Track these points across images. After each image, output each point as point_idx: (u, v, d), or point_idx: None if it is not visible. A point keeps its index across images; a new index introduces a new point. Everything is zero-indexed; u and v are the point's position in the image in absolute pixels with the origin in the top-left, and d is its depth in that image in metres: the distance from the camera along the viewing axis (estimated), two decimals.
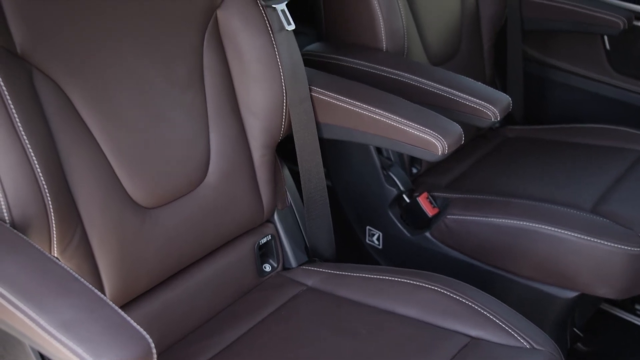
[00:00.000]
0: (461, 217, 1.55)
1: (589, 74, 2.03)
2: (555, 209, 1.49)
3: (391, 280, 1.27)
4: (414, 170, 1.69)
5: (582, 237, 1.42)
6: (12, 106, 0.96)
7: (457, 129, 1.26)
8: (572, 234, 1.43)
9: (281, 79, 1.27)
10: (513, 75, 1.97)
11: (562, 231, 1.43)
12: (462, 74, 1.53)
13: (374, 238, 1.70)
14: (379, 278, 1.28)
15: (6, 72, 0.96)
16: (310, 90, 1.33)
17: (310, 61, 1.56)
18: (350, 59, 1.53)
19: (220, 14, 1.23)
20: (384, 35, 1.55)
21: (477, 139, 1.85)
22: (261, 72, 1.26)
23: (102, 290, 1.10)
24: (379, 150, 1.61)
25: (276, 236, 1.37)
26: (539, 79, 2.09)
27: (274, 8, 1.26)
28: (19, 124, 0.96)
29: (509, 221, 1.49)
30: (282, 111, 1.29)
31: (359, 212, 1.72)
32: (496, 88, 1.96)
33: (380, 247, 1.70)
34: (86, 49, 1.07)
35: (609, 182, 1.61)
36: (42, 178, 0.98)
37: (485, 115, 1.38)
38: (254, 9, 1.25)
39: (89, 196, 1.06)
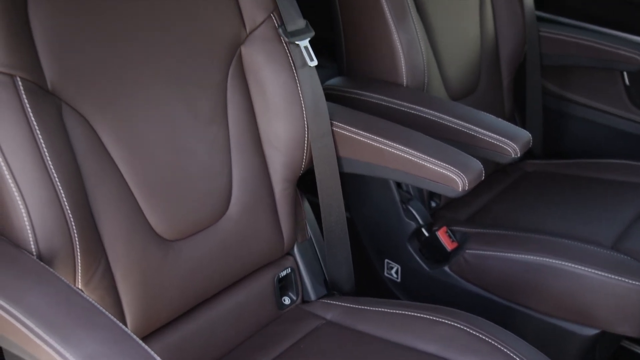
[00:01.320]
0: (480, 252, 1.55)
1: (608, 109, 2.03)
2: (575, 245, 1.49)
3: (410, 315, 1.26)
4: (433, 204, 1.70)
5: (603, 274, 1.41)
6: (42, 141, 0.98)
7: (478, 165, 1.27)
8: (593, 270, 1.42)
9: (303, 114, 1.29)
10: (532, 110, 1.98)
11: (582, 268, 1.43)
12: (481, 108, 1.55)
13: (393, 271, 1.70)
14: (399, 313, 1.28)
15: (37, 107, 0.99)
16: (332, 124, 1.34)
17: (331, 95, 1.58)
18: (371, 94, 1.55)
19: (244, 50, 1.26)
20: (405, 70, 1.57)
21: (496, 173, 1.85)
22: (284, 107, 1.28)
23: (124, 321, 1.11)
24: (398, 183, 1.62)
25: (296, 269, 1.38)
26: (558, 113, 2.09)
27: (297, 44, 1.28)
28: (48, 159, 0.99)
29: (528, 257, 1.48)
30: (304, 145, 1.31)
31: (377, 245, 1.72)
32: (515, 122, 1.98)
33: (399, 280, 1.70)
34: (114, 84, 1.09)
35: (629, 219, 1.60)
36: (69, 212, 1.00)
37: (505, 152, 1.39)
38: (278, 45, 1.27)
39: (113, 229, 1.08)
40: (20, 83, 0.97)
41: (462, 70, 1.76)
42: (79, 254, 1.02)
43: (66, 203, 1.00)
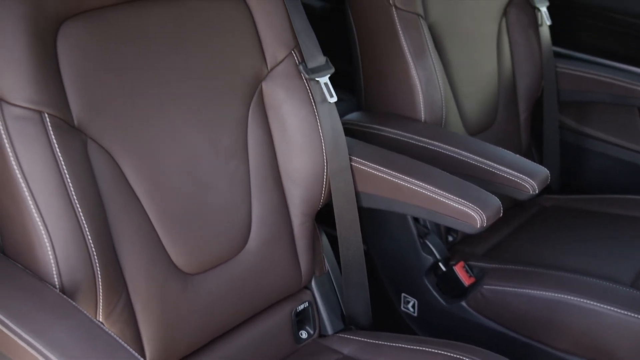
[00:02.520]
0: (498, 287, 1.54)
1: (626, 144, 2.03)
2: (594, 282, 1.48)
3: (428, 351, 1.26)
4: (450, 238, 1.70)
5: (622, 312, 1.40)
6: (67, 175, 1.00)
7: (496, 202, 1.27)
8: (612, 308, 1.41)
9: (322, 149, 1.30)
10: (549, 144, 1.99)
11: (601, 305, 1.42)
12: (498, 143, 1.55)
13: (409, 305, 1.70)
14: (416, 349, 1.27)
15: (63, 142, 1.01)
16: (351, 160, 1.36)
17: (350, 130, 1.59)
18: (390, 129, 1.56)
19: (265, 85, 1.28)
20: (423, 106, 1.58)
21: (514, 208, 1.85)
22: (303, 142, 1.29)
23: (143, 354, 1.11)
24: (415, 217, 1.62)
25: (313, 303, 1.38)
26: (575, 148, 2.09)
27: (317, 81, 1.30)
28: (73, 193, 1.00)
29: (546, 293, 1.48)
30: (323, 180, 1.32)
31: (394, 278, 1.72)
32: (532, 157, 1.99)
33: (415, 314, 1.69)
34: (138, 120, 1.11)
35: None
36: (92, 246, 1.01)
37: (523, 188, 1.39)
38: (298, 81, 1.29)
39: (134, 262, 1.09)
40: (47, 119, 1.00)
41: (479, 106, 1.77)
42: (100, 287, 1.03)
43: (89, 237, 1.01)
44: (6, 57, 0.97)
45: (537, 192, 1.39)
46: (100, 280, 1.03)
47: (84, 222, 1.01)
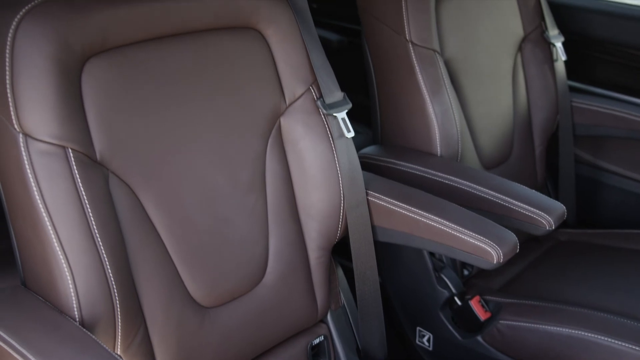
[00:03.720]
0: (514, 322, 1.53)
1: None
2: (611, 318, 1.47)
3: None
4: (466, 272, 1.70)
5: (639, 349, 1.39)
6: (89, 210, 1.02)
7: (513, 238, 1.28)
8: (629, 345, 1.40)
9: (339, 183, 1.31)
10: (565, 178, 1.99)
11: (618, 342, 1.41)
12: (514, 177, 1.55)
13: (424, 339, 1.69)
14: None
15: (86, 177, 1.03)
16: (367, 194, 1.37)
17: (366, 164, 1.61)
18: (406, 164, 1.57)
19: (284, 121, 1.29)
20: (439, 141, 1.59)
21: (529, 242, 1.85)
22: (321, 177, 1.30)
23: None
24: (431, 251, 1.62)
25: (329, 337, 1.39)
26: (591, 182, 2.09)
27: (335, 116, 1.31)
28: (95, 227, 1.02)
29: (563, 329, 1.47)
30: (340, 215, 1.33)
31: (409, 312, 1.72)
32: (548, 190, 1.99)
33: (431, 349, 1.69)
34: (159, 154, 1.13)
35: None
36: (112, 279, 1.03)
37: (540, 224, 1.39)
38: (316, 117, 1.30)
39: (153, 296, 1.10)
40: (71, 154, 1.02)
41: (495, 140, 1.78)
42: (119, 320, 1.04)
43: (110, 271, 1.03)
44: (32, 94, 0.99)
45: (553, 227, 1.39)
46: (119, 313, 1.04)
47: (105, 255, 1.03)
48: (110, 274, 1.03)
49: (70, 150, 1.02)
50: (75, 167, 1.02)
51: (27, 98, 0.99)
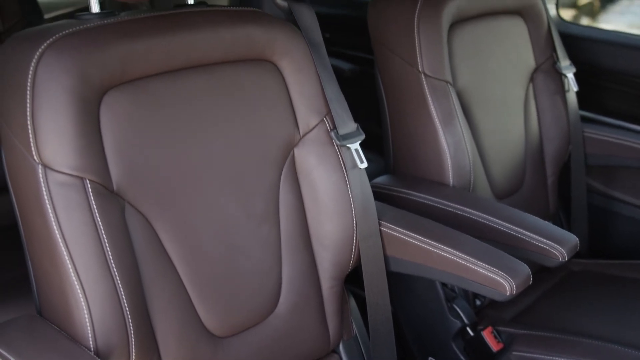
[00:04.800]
0: (527, 354, 1.52)
1: None
2: (625, 351, 1.46)
3: None
4: (478, 302, 1.69)
5: None
6: (105, 240, 1.03)
7: (525, 269, 1.27)
8: None
9: (352, 213, 1.32)
10: (577, 208, 1.98)
11: None
12: (526, 206, 1.55)
13: None
14: None
15: (103, 207, 1.04)
16: (380, 224, 1.37)
17: (379, 194, 1.61)
18: (418, 194, 1.58)
19: (297, 151, 1.31)
20: (451, 171, 1.60)
21: (542, 272, 1.84)
22: (334, 207, 1.31)
23: None
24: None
25: None
26: (603, 211, 2.09)
27: (348, 147, 1.33)
28: (111, 257, 1.03)
29: None
30: (352, 244, 1.33)
31: (421, 342, 1.71)
32: (560, 220, 1.98)
33: None
34: (174, 185, 1.14)
35: None
36: (127, 309, 1.03)
37: (553, 255, 1.39)
38: (329, 148, 1.31)
39: (167, 325, 1.11)
40: (89, 185, 1.03)
41: (507, 170, 1.79)
42: (134, 350, 1.05)
43: (125, 301, 1.04)
44: (52, 126, 1.01)
45: (566, 259, 1.39)
46: (133, 342, 1.04)
47: (120, 285, 1.03)
48: (125, 304, 1.03)
49: (88, 181, 1.03)
50: (92, 198, 1.03)
51: (47, 130, 1.01)
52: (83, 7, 2.89)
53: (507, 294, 1.24)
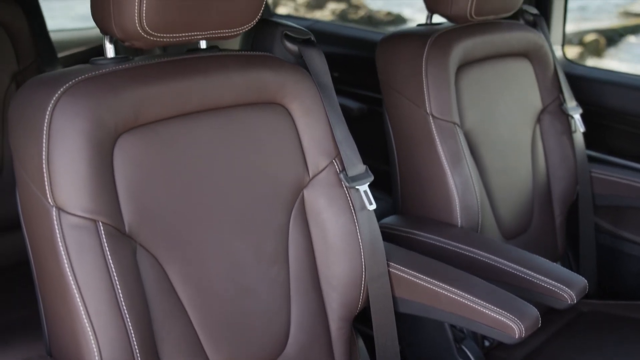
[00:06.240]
0: None
1: None
2: None
3: None
4: (487, 343, 1.68)
5: None
6: (117, 282, 1.04)
7: (534, 312, 1.28)
8: None
9: (361, 255, 1.33)
10: (586, 248, 1.98)
11: None
12: (534, 247, 1.55)
13: None
14: None
15: (115, 249, 1.05)
16: (388, 265, 1.38)
17: (387, 234, 1.62)
18: (426, 234, 1.59)
19: (307, 193, 1.32)
20: (459, 211, 1.61)
21: (550, 313, 1.84)
22: (342, 248, 1.32)
23: None
24: None
25: None
26: (612, 251, 2.08)
27: (357, 189, 1.34)
28: (122, 299, 1.04)
29: None
30: (361, 286, 1.34)
31: None
32: (569, 260, 1.98)
33: None
34: (185, 228, 1.16)
35: None
36: (137, 351, 1.04)
37: (561, 297, 1.39)
38: (339, 189, 1.33)
39: None
40: (101, 227, 1.04)
41: (514, 210, 1.79)
42: None
43: (135, 343, 1.04)
44: (66, 170, 1.03)
45: (575, 302, 1.39)
46: None
47: (131, 327, 1.04)
48: (136, 346, 1.04)
49: (100, 224, 1.04)
50: (105, 240, 1.04)
51: (62, 173, 1.02)
52: (96, 45, 2.92)
53: (516, 337, 1.24)
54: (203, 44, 1.28)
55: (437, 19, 1.78)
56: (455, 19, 1.71)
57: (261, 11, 1.22)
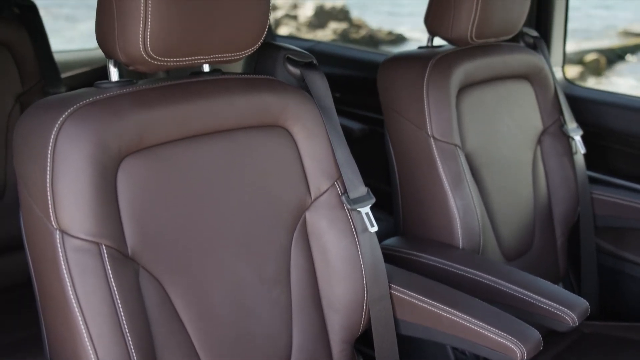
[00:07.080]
0: None
1: None
2: None
3: None
4: None
5: None
6: (119, 305, 1.04)
7: (536, 335, 1.28)
8: None
9: (363, 277, 1.33)
10: (587, 270, 1.98)
11: None
12: (535, 268, 1.55)
13: None
14: None
15: (117, 272, 1.06)
16: (390, 287, 1.38)
17: (389, 256, 1.62)
18: (428, 256, 1.59)
19: (309, 215, 1.32)
20: (461, 233, 1.62)
21: (552, 334, 1.83)
22: (344, 270, 1.32)
23: None
24: None
25: None
26: (614, 272, 2.08)
27: (359, 211, 1.34)
28: (124, 322, 1.04)
29: None
30: (363, 308, 1.34)
31: None
32: (570, 281, 1.98)
33: None
34: (187, 251, 1.16)
35: None
36: None
37: (563, 320, 1.39)
38: (340, 212, 1.33)
39: None
40: (104, 250, 1.05)
41: (516, 232, 1.80)
42: None
43: None
44: (70, 193, 1.03)
45: (577, 324, 1.39)
46: None
47: (133, 350, 1.04)
48: None
49: (104, 247, 1.05)
50: (108, 263, 1.05)
51: (65, 196, 1.03)
52: (99, 66, 2.93)
53: None
54: (206, 67, 1.29)
55: (438, 41, 1.79)
56: (456, 42, 1.72)
57: (264, 35, 1.23)
